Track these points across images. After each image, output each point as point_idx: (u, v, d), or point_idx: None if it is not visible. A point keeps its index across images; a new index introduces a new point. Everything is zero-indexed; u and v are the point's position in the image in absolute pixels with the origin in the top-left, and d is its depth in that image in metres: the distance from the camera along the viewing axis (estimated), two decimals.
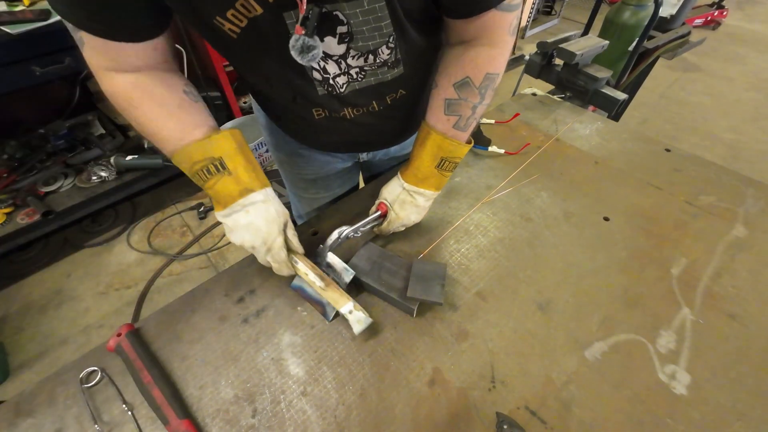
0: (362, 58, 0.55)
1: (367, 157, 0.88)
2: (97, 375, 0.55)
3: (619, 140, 0.98)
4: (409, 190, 0.67)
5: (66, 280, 1.78)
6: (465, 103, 0.60)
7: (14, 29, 1.29)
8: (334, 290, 0.60)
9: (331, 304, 0.60)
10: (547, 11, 4.31)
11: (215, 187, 0.54)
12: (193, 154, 0.52)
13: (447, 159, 0.63)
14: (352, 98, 0.61)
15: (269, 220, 0.56)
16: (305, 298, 0.63)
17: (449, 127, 0.61)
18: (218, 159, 0.52)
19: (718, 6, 3.96)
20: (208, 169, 0.52)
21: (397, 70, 0.59)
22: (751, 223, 0.76)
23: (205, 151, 0.52)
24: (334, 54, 0.53)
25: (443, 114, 0.61)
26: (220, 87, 2.16)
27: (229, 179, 0.53)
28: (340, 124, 0.66)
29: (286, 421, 0.51)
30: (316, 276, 0.60)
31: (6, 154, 1.76)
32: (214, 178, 0.53)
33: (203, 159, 0.52)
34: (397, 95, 0.64)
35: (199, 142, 0.52)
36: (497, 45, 0.56)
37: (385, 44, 0.54)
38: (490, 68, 0.58)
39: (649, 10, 1.49)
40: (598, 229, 0.76)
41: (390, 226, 0.69)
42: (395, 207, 0.68)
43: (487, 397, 0.53)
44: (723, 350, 0.58)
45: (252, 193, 0.55)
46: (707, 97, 3.03)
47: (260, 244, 0.56)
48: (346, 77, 0.57)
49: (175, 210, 2.11)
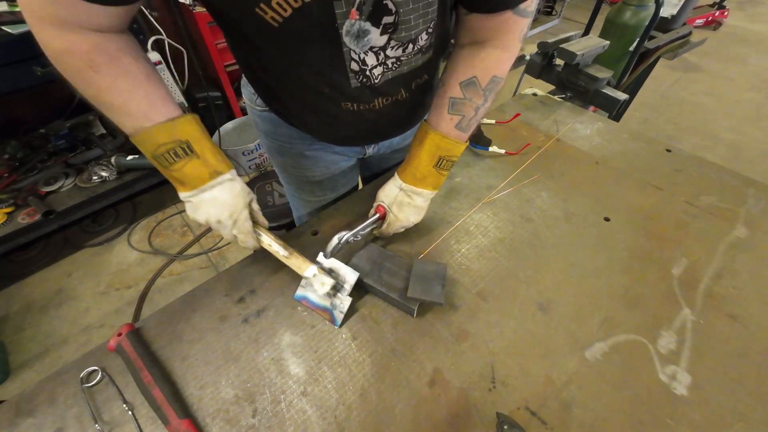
0: (401, 48, 0.56)
1: (372, 151, 0.87)
2: (98, 375, 0.55)
3: (619, 140, 0.98)
4: (407, 191, 0.66)
5: (67, 279, 1.78)
6: (469, 104, 0.61)
7: (15, 29, 1.30)
8: (297, 257, 0.62)
9: (338, 310, 0.60)
10: (548, 11, 4.31)
11: (183, 170, 0.53)
12: (158, 136, 0.50)
13: (445, 158, 0.64)
14: (385, 88, 0.61)
15: (235, 195, 0.57)
16: (311, 307, 0.63)
17: (451, 126, 0.62)
18: (185, 142, 0.52)
19: (719, 6, 3.95)
20: (175, 152, 0.52)
21: (428, 55, 0.61)
22: (752, 223, 0.76)
23: (171, 134, 0.51)
24: (375, 45, 0.54)
25: (446, 113, 0.61)
26: (221, 87, 2.17)
27: (197, 162, 0.54)
28: (366, 116, 0.66)
29: (287, 421, 0.51)
30: (280, 246, 0.62)
31: (7, 153, 1.76)
32: (182, 161, 0.53)
33: (170, 141, 0.51)
34: (422, 80, 0.65)
35: (164, 125, 0.50)
36: (507, 49, 0.58)
37: (425, 31, 0.55)
38: (497, 71, 0.60)
39: (650, 11, 1.49)
40: (599, 230, 0.75)
41: (389, 228, 0.69)
42: (393, 209, 0.68)
43: (487, 397, 0.53)
44: (724, 351, 0.58)
45: (221, 175, 0.56)
46: (708, 98, 3.03)
47: (227, 217, 0.57)
48: (383, 68, 0.58)
49: (176, 210, 2.11)
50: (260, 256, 0.71)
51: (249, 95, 0.77)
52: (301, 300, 0.64)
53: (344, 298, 0.61)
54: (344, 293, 0.61)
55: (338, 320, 0.60)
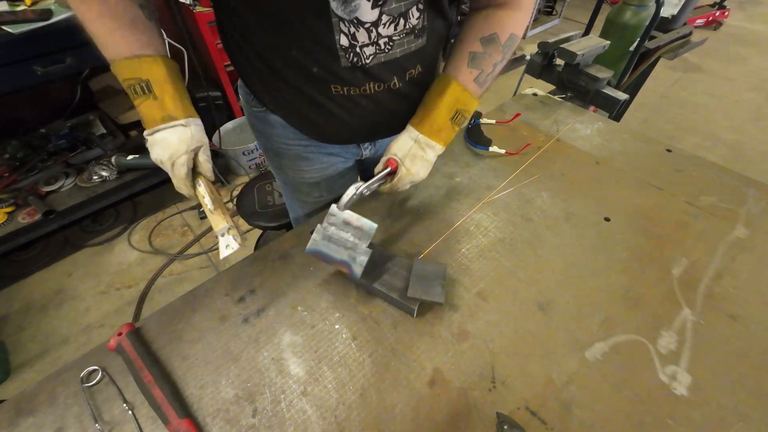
0: (393, 25, 0.56)
1: (369, 153, 0.87)
2: (98, 374, 0.55)
3: (620, 140, 0.98)
4: (422, 143, 0.66)
5: (67, 279, 1.79)
6: (489, 58, 0.63)
7: (16, 29, 1.29)
8: (219, 214, 0.60)
9: (357, 263, 0.58)
10: (548, 11, 4.31)
11: (140, 107, 0.56)
12: (122, 70, 0.54)
13: (461, 111, 0.65)
14: (377, 71, 0.61)
15: (182, 139, 0.57)
16: (327, 261, 0.60)
17: (470, 80, 0.63)
18: (145, 81, 0.54)
19: (719, 6, 3.95)
20: (134, 89, 0.54)
21: (421, 41, 0.61)
22: (752, 223, 0.76)
23: (133, 71, 0.54)
24: (367, 21, 0.54)
25: (466, 66, 0.63)
26: (221, 87, 2.17)
27: (153, 103, 0.55)
28: (357, 103, 0.65)
29: (287, 420, 0.51)
30: (210, 199, 0.60)
31: (7, 153, 1.76)
32: (140, 98, 0.55)
33: (131, 78, 0.54)
34: (415, 72, 0.65)
35: (129, 60, 0.53)
36: (522, 9, 0.62)
37: (416, 5, 0.56)
38: (515, 30, 0.63)
39: (650, 11, 1.48)
40: (599, 230, 0.75)
41: (399, 183, 0.67)
42: (406, 162, 0.66)
43: (487, 397, 0.53)
44: (724, 351, 0.58)
45: (174, 120, 0.57)
46: (708, 98, 3.03)
47: (167, 159, 0.57)
48: (374, 48, 0.58)
49: (176, 210, 2.11)
50: (260, 256, 0.71)
51: (245, 96, 0.77)
52: (315, 254, 0.61)
53: (363, 250, 0.58)
54: (363, 245, 0.59)
55: (358, 273, 0.58)
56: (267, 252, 0.72)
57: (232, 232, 0.59)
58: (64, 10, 1.38)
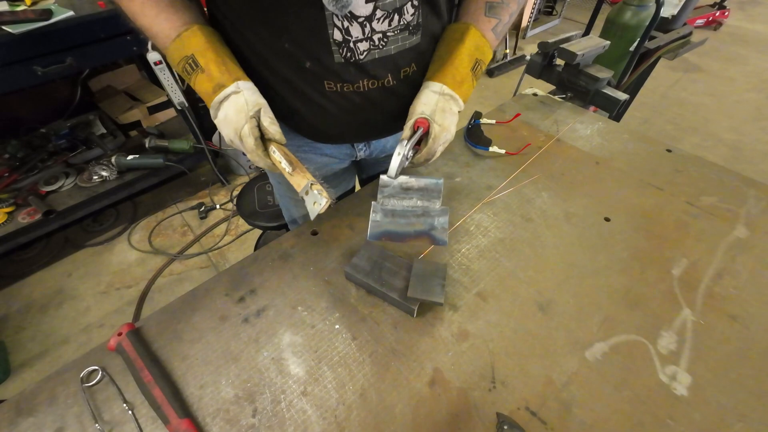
0: (387, 21, 0.55)
1: (364, 154, 0.86)
2: (98, 374, 0.55)
3: (620, 141, 0.98)
4: (447, 95, 0.60)
5: (67, 279, 1.79)
6: (506, 8, 0.62)
7: (16, 29, 1.29)
8: (299, 173, 0.57)
9: (438, 227, 0.55)
10: (549, 11, 4.31)
11: (195, 86, 0.56)
12: (173, 55, 0.54)
13: (479, 62, 0.62)
14: (371, 67, 0.60)
15: (238, 109, 0.55)
16: (397, 240, 0.55)
17: (488, 28, 0.62)
18: (191, 56, 0.54)
19: (719, 6, 3.95)
20: (185, 69, 0.54)
21: (416, 38, 0.60)
22: (752, 224, 0.76)
23: (180, 51, 0.54)
24: (361, 15, 0.53)
25: (483, 15, 0.62)
26: None
27: (203, 76, 0.55)
28: (351, 101, 0.64)
29: (287, 420, 0.51)
30: (286, 162, 0.58)
31: (7, 153, 1.77)
32: (192, 76, 0.55)
33: (181, 58, 0.54)
34: (410, 70, 0.64)
35: (175, 42, 0.54)
36: None
37: (411, 1, 0.55)
38: None
39: (650, 11, 1.49)
40: (599, 230, 0.75)
41: (435, 144, 0.61)
42: (437, 118, 0.60)
43: (487, 397, 0.53)
44: (724, 351, 0.58)
45: (224, 89, 0.55)
46: (708, 98, 3.03)
47: (234, 136, 0.56)
48: (368, 43, 0.57)
49: (176, 209, 2.11)
50: (260, 256, 0.71)
51: None
52: (381, 237, 0.55)
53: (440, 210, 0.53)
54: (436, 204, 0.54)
55: (444, 238, 0.53)
56: (267, 252, 0.72)
57: (315, 188, 0.55)
58: (64, 10, 1.38)
